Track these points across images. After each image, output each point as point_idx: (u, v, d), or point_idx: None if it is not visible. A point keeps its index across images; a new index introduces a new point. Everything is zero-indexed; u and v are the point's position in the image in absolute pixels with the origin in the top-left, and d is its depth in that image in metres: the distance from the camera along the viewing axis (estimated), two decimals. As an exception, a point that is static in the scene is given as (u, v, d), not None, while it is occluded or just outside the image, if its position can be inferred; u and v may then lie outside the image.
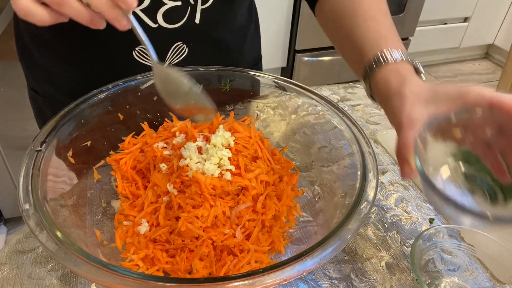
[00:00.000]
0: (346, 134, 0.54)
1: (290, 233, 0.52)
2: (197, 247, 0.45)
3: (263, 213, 0.49)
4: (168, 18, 0.61)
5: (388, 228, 0.57)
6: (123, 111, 0.58)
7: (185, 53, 0.66)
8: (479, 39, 2.97)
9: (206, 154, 0.50)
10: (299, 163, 0.61)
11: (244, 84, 0.64)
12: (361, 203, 0.44)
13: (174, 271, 0.45)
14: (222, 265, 0.45)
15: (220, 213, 0.46)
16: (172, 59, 0.66)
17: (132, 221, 0.49)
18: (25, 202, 0.40)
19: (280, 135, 0.65)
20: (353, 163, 0.51)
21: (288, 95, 0.62)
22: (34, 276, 0.48)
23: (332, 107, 0.57)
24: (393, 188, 0.63)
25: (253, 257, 0.46)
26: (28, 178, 0.43)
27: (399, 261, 0.52)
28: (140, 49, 0.62)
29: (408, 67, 0.49)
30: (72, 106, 0.53)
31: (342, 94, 0.86)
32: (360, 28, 0.55)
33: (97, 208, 0.52)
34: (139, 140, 0.57)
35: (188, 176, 0.48)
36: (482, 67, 3.09)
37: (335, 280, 0.50)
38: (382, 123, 0.78)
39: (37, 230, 0.38)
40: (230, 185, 0.48)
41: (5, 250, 0.51)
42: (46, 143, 0.47)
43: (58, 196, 0.47)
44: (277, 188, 0.53)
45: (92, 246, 0.45)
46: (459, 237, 0.50)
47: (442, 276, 0.49)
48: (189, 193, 0.47)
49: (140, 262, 0.46)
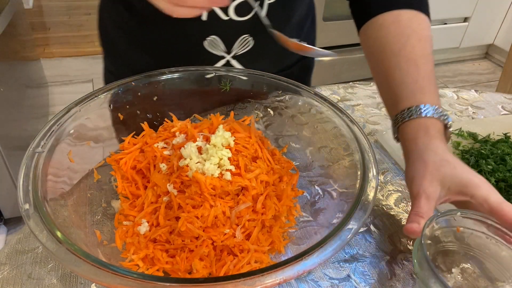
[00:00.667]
0: (346, 134, 0.54)
1: (290, 233, 0.52)
2: (197, 247, 0.45)
3: (263, 213, 0.49)
4: (239, 11, 0.66)
5: (388, 228, 0.57)
6: (123, 111, 0.58)
7: (251, 46, 0.71)
8: (479, 39, 2.97)
9: (206, 154, 0.50)
10: (299, 163, 0.61)
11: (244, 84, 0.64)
12: (361, 203, 0.44)
13: (174, 271, 0.45)
14: (222, 265, 0.45)
15: (220, 213, 0.46)
16: (238, 50, 0.71)
17: (132, 221, 0.49)
18: (25, 202, 0.40)
19: (280, 135, 0.65)
20: (353, 163, 0.51)
21: (288, 95, 0.62)
22: (34, 276, 0.48)
23: (332, 107, 0.57)
24: (393, 188, 0.63)
25: (253, 257, 0.46)
26: (28, 178, 0.43)
27: (399, 261, 0.52)
28: (212, 39, 0.68)
29: (438, 125, 0.53)
30: (72, 105, 0.53)
31: (342, 94, 0.86)
32: (401, 72, 0.57)
33: (97, 208, 0.52)
34: (139, 140, 0.57)
35: (188, 176, 0.48)
36: (482, 67, 3.09)
37: (335, 280, 0.50)
38: (382, 123, 0.77)
39: (37, 230, 0.38)
40: (230, 185, 0.48)
41: (5, 250, 0.51)
42: (46, 143, 0.47)
43: (58, 196, 0.47)
44: (277, 188, 0.53)
45: (92, 246, 0.45)
46: (459, 237, 0.50)
47: (443, 276, 0.49)
48: (189, 193, 0.47)
49: (140, 262, 0.46)
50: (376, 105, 0.83)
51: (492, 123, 0.77)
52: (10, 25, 1.57)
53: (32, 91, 1.95)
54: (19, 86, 1.72)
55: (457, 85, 2.84)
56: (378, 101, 0.84)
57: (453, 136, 0.73)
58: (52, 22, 3.46)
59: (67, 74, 2.73)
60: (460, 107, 0.84)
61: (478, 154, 0.66)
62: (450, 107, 0.84)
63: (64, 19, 3.51)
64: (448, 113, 0.57)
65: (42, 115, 2.09)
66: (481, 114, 0.82)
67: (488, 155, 0.65)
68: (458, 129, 0.74)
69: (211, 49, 0.69)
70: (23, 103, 1.73)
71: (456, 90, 0.90)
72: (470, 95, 0.89)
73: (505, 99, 0.88)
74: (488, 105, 0.86)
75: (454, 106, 0.85)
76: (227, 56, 0.71)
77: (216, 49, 0.69)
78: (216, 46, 0.69)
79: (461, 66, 3.09)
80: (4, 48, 1.54)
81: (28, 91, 1.85)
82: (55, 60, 2.88)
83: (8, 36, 1.56)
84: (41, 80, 2.24)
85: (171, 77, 0.61)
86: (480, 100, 0.87)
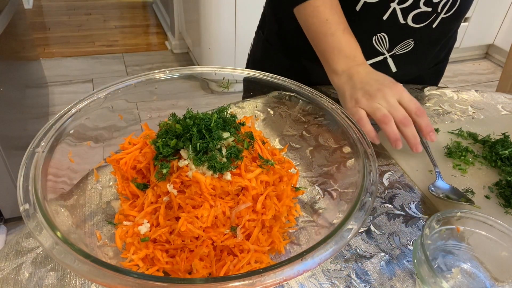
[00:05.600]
0: (346, 134, 0.54)
1: (290, 233, 0.52)
2: (197, 247, 0.45)
3: (263, 213, 0.49)
4: (415, 19, 0.74)
5: (388, 228, 0.57)
6: (123, 110, 0.58)
7: (410, 48, 0.80)
8: (479, 39, 2.97)
9: (206, 154, 0.50)
10: (299, 163, 0.61)
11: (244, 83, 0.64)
12: (361, 203, 0.44)
13: (174, 271, 0.45)
14: (222, 265, 0.45)
15: (220, 213, 0.46)
16: (397, 51, 0.80)
17: (132, 221, 0.49)
18: (25, 202, 0.40)
19: (280, 135, 0.65)
20: (353, 163, 0.51)
21: (288, 95, 0.62)
22: (34, 276, 0.48)
23: (332, 107, 0.57)
24: (393, 188, 0.63)
25: (253, 257, 0.46)
26: (28, 178, 0.43)
27: (399, 261, 0.52)
28: (381, 36, 0.77)
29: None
30: (73, 105, 0.53)
31: (342, 94, 0.86)
32: None
33: (97, 208, 0.52)
34: (139, 140, 0.57)
35: (188, 176, 0.48)
36: (482, 67, 3.09)
37: (335, 280, 0.50)
38: (382, 123, 0.77)
39: (37, 230, 0.38)
40: (230, 185, 0.48)
41: (5, 250, 0.51)
42: (46, 143, 0.47)
43: (58, 196, 0.47)
44: (277, 188, 0.53)
45: (92, 246, 0.45)
46: (459, 237, 0.50)
47: (443, 276, 0.49)
48: (189, 193, 0.47)
49: (140, 262, 0.46)
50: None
51: (492, 123, 0.77)
52: (10, 25, 1.57)
53: (32, 91, 1.95)
54: (19, 86, 1.72)
55: (457, 85, 2.84)
56: (378, 101, 0.84)
57: (453, 136, 0.73)
58: (52, 22, 3.47)
59: (67, 74, 2.73)
60: (460, 107, 0.84)
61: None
62: (450, 107, 0.84)
63: (64, 19, 3.52)
64: (448, 113, 0.57)
65: (42, 115, 2.09)
66: (481, 114, 0.82)
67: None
68: (458, 129, 0.74)
69: (376, 45, 0.77)
70: (23, 103, 1.73)
71: (456, 90, 0.90)
72: (470, 95, 0.89)
73: (505, 99, 0.88)
74: (488, 105, 0.86)
75: (454, 106, 0.85)
76: (387, 54, 0.79)
77: (381, 46, 0.78)
78: (382, 44, 0.76)
79: (461, 66, 3.09)
80: (4, 48, 1.54)
81: (28, 91, 1.85)
82: (55, 60, 2.88)
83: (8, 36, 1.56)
84: (41, 80, 2.24)
85: (171, 77, 0.61)
86: (480, 100, 0.87)
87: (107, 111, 0.57)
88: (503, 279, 0.47)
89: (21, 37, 1.82)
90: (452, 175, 0.65)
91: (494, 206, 0.59)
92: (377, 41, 0.76)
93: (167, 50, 3.16)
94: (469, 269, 0.49)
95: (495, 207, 0.59)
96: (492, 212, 0.58)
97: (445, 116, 0.81)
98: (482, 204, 0.59)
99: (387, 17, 0.73)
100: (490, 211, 0.58)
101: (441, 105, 0.84)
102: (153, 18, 3.71)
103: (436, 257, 0.49)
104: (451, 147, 0.69)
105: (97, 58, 2.97)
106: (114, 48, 3.12)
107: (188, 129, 0.49)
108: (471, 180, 0.64)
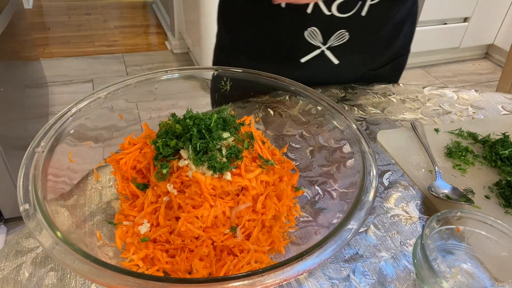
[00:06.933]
0: (346, 134, 0.54)
1: (290, 233, 0.52)
2: (197, 247, 0.45)
3: (263, 213, 0.49)
4: (341, 9, 0.73)
5: (388, 228, 0.57)
6: (124, 110, 0.58)
7: (345, 39, 0.78)
8: (479, 39, 2.97)
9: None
10: (299, 163, 0.61)
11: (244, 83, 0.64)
12: (361, 203, 0.44)
13: (174, 271, 0.45)
14: (222, 265, 0.45)
15: (220, 213, 0.46)
16: (334, 42, 0.79)
17: (132, 221, 0.49)
18: (25, 202, 0.40)
19: (280, 135, 0.65)
20: (353, 163, 0.51)
21: (288, 95, 0.62)
22: (34, 276, 0.48)
23: (332, 107, 0.57)
24: (393, 188, 0.63)
25: (253, 257, 0.46)
26: (28, 178, 0.43)
27: (399, 261, 0.52)
28: (312, 30, 0.76)
29: None
30: (73, 105, 0.53)
31: (342, 94, 0.86)
32: None
33: (97, 208, 0.52)
34: (139, 140, 0.57)
35: (188, 176, 0.48)
36: (482, 67, 3.09)
37: (335, 280, 0.50)
38: (382, 123, 0.78)
39: (37, 230, 0.38)
40: (230, 185, 0.48)
41: (5, 250, 0.51)
42: (46, 143, 0.47)
43: (58, 196, 0.47)
44: (277, 188, 0.53)
45: (92, 246, 0.45)
46: (459, 237, 0.50)
47: (443, 276, 0.49)
48: (189, 193, 0.47)
49: (140, 262, 0.46)
50: (376, 105, 0.83)
51: (492, 123, 0.77)
52: (10, 25, 1.57)
53: (32, 91, 1.95)
54: (19, 86, 1.72)
55: (457, 85, 2.84)
56: (378, 101, 0.84)
57: (453, 136, 0.73)
58: (52, 22, 3.47)
59: (67, 74, 2.73)
60: (460, 107, 0.84)
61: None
62: (450, 107, 0.84)
63: (64, 19, 3.52)
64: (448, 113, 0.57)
65: (42, 115, 2.09)
66: (481, 114, 0.82)
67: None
68: (458, 129, 0.74)
69: (309, 39, 0.77)
70: (23, 103, 1.73)
71: (456, 90, 0.91)
72: (470, 95, 0.89)
73: (505, 99, 0.88)
74: (488, 105, 0.86)
75: (454, 106, 0.85)
76: (323, 46, 0.79)
77: (314, 40, 0.77)
78: (314, 37, 0.77)
79: (461, 66, 3.09)
80: (4, 48, 1.54)
81: (28, 91, 1.85)
82: (55, 60, 2.88)
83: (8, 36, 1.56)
84: (41, 80, 2.24)
85: (171, 77, 0.61)
86: (480, 100, 0.87)
87: (107, 111, 0.57)
88: (503, 279, 0.47)
89: (21, 37, 1.82)
90: (452, 175, 0.65)
91: (494, 206, 0.59)
92: (310, 36, 0.77)
93: (167, 50, 3.16)
94: (469, 269, 0.49)
95: (495, 207, 0.59)
96: (492, 212, 0.58)
97: (445, 116, 0.81)
98: (482, 204, 0.59)
99: (311, 10, 0.73)
100: (490, 211, 0.58)
101: (441, 105, 0.84)
102: (153, 18, 3.71)
103: (436, 257, 0.49)
104: (451, 147, 0.69)
105: (97, 58, 2.97)
106: (114, 48, 3.12)
107: (188, 129, 0.49)
108: (471, 180, 0.64)
